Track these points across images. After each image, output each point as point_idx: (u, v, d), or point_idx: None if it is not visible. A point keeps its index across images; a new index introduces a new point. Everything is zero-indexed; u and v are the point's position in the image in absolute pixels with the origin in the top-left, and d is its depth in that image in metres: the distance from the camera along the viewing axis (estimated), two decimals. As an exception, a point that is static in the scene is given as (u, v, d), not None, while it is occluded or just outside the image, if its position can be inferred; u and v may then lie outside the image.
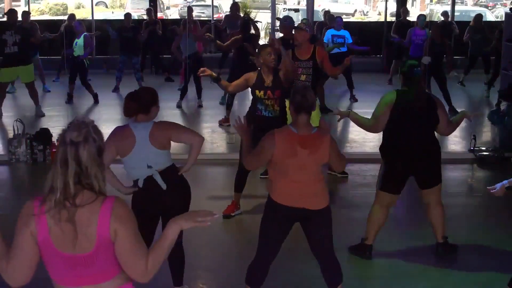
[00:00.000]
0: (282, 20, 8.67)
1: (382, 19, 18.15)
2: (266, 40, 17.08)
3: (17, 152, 8.33)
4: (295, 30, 7.07)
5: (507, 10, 11.68)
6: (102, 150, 2.62)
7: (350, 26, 15.73)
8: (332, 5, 26.08)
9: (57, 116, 10.88)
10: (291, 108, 4.18)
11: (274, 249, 4.31)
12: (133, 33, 13.03)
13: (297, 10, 18.63)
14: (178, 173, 4.39)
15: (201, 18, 19.53)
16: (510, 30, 10.53)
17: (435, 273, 5.31)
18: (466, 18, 17.20)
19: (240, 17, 13.62)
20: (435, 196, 5.42)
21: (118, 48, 13.21)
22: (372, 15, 28.38)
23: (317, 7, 19.19)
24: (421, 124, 5.15)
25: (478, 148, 8.61)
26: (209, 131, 10.00)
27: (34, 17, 17.74)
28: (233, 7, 13.91)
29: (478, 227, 6.35)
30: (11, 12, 10.83)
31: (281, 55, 6.26)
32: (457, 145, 9.09)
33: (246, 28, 10.47)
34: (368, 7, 30.47)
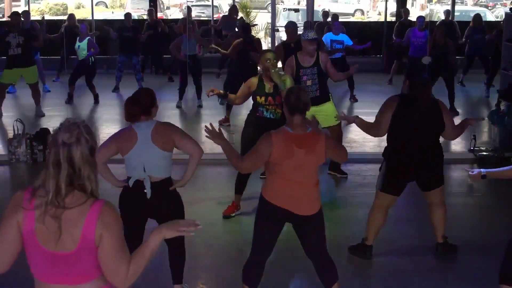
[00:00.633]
0: (286, 27, 8.71)
1: (382, 19, 18.14)
2: (266, 40, 17.08)
3: (17, 152, 8.33)
4: (305, 41, 6.97)
5: (507, 10, 11.66)
6: (94, 150, 2.61)
7: (350, 26, 15.76)
8: (332, 5, 26.06)
9: (57, 116, 10.86)
10: (285, 109, 4.16)
11: (266, 247, 4.29)
12: (133, 33, 13.03)
13: (297, 10, 18.65)
14: (170, 188, 4.35)
15: (201, 18, 19.55)
16: (510, 30, 10.52)
17: (435, 273, 5.31)
18: (466, 18, 17.17)
19: (237, 20, 13.63)
20: (437, 197, 5.41)
21: (118, 48, 13.20)
22: (372, 15, 28.36)
23: (317, 7, 19.17)
24: (425, 130, 5.10)
25: (478, 148, 8.61)
26: (209, 131, 9.99)
27: (34, 17, 17.70)
28: (232, 9, 13.92)
29: (478, 227, 6.35)
30: (14, 15, 10.85)
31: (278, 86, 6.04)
32: (457, 145, 9.08)
33: (246, 31, 10.46)
34: (368, 7, 30.42)
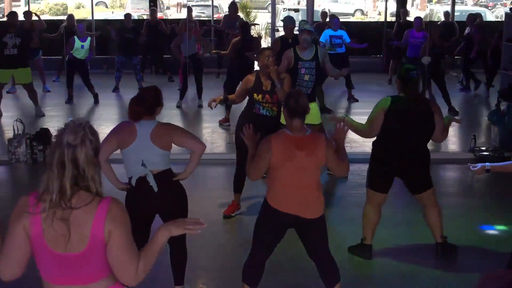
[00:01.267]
0: (286, 22, 8.72)
1: (382, 19, 18.13)
2: (266, 40, 17.09)
3: (17, 152, 8.33)
4: (301, 32, 7.03)
5: (507, 10, 11.67)
6: (98, 151, 2.61)
7: (350, 26, 15.74)
8: (332, 5, 26.06)
9: (57, 116, 10.87)
10: (284, 113, 4.21)
11: (267, 249, 4.32)
12: (134, 34, 13.02)
13: (297, 10, 18.65)
14: (173, 178, 4.37)
15: (201, 18, 19.54)
16: (510, 30, 10.53)
17: (435, 273, 5.31)
18: (466, 18, 17.14)
19: (239, 18, 13.61)
20: (429, 199, 5.42)
21: (117, 48, 13.20)
22: (372, 15, 28.35)
23: (317, 7, 19.14)
24: (416, 130, 5.13)
25: (478, 148, 8.61)
26: (209, 131, 10.00)
27: (34, 17, 17.66)
28: (232, 7, 13.88)
29: (478, 227, 6.35)
30: (12, 15, 10.83)
31: (275, 85, 6.06)
32: (457, 145, 9.08)
33: (244, 30, 10.45)
34: (369, 7, 30.40)
